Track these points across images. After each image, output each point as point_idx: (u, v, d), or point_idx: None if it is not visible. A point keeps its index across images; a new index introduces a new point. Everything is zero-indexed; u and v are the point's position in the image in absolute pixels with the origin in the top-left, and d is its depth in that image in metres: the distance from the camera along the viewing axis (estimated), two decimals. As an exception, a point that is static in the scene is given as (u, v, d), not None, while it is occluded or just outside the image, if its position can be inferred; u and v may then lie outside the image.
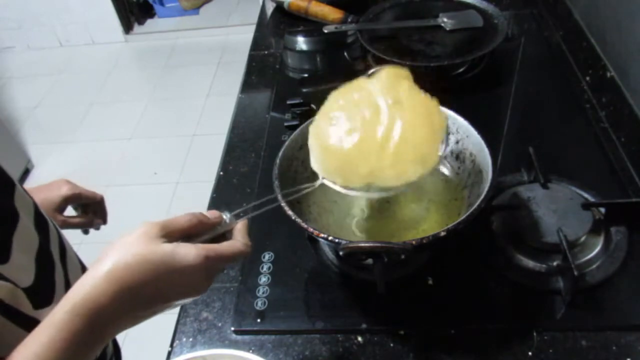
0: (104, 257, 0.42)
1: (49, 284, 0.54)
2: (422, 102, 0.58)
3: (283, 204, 0.62)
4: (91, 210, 0.81)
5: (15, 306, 0.48)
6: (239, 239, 0.50)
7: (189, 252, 0.44)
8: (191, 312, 0.72)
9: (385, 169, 0.56)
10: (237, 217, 0.52)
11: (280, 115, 1.01)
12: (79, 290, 0.41)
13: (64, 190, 0.75)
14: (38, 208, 0.57)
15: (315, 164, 0.60)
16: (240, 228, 0.51)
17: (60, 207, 0.75)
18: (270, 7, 1.39)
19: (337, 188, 0.59)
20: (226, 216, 0.51)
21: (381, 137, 0.56)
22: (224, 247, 0.48)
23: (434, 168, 0.56)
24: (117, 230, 0.52)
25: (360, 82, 0.61)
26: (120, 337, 0.60)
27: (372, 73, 0.61)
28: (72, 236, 0.74)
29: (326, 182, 0.59)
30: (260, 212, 0.54)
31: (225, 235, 0.51)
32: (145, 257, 0.42)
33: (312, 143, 0.61)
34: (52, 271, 0.55)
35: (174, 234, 0.46)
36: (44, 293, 0.52)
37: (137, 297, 0.42)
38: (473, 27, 1.08)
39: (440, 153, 0.57)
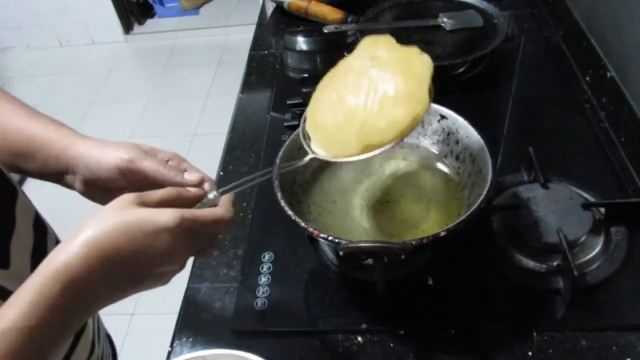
0: (82, 227, 0.42)
1: None
2: (399, 53, 0.58)
3: (283, 204, 0.63)
4: None
5: None
6: (221, 207, 0.49)
7: (162, 212, 0.43)
8: (191, 312, 0.72)
9: (375, 121, 0.55)
10: (224, 194, 0.50)
11: (280, 115, 1.01)
12: (57, 255, 0.40)
13: (119, 161, 0.52)
14: (38, 214, 0.57)
15: (314, 146, 0.60)
16: (224, 199, 0.50)
17: (114, 182, 0.53)
18: (270, 7, 1.39)
19: (330, 159, 0.59)
20: (212, 194, 0.50)
21: (365, 93, 0.57)
22: (203, 211, 0.47)
23: (424, 112, 0.56)
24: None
25: (343, 59, 0.62)
26: (121, 337, 0.59)
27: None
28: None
29: (318, 154, 0.59)
30: (248, 186, 0.52)
31: None
32: (119, 222, 0.42)
33: (307, 125, 0.62)
34: None
35: (150, 204, 0.45)
36: None
37: (116, 264, 0.42)
38: (473, 27, 1.08)
39: (427, 97, 0.56)
